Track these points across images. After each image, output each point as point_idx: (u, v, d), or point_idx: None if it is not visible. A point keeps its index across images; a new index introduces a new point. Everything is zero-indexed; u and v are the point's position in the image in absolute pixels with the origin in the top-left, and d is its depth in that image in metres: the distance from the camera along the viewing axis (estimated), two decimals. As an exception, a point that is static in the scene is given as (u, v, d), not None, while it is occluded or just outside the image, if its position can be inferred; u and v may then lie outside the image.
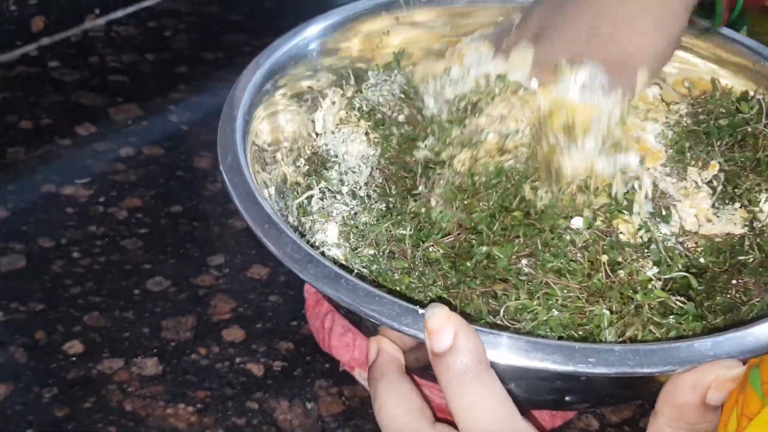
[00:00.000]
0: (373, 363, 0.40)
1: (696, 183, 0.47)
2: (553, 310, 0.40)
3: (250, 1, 0.99)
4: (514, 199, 0.45)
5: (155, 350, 0.55)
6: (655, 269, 0.42)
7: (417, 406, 0.38)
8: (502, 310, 0.40)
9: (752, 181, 0.46)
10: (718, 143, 0.48)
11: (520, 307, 0.40)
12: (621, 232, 0.44)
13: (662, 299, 0.40)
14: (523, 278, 0.41)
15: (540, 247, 0.42)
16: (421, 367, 0.41)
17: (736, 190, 0.46)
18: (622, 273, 0.41)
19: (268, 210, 0.41)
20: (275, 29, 0.55)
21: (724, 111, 0.50)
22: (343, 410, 0.52)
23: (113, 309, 0.58)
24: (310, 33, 0.57)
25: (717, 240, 0.45)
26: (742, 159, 0.47)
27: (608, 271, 0.42)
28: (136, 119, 0.78)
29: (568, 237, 0.43)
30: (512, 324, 0.40)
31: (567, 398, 0.41)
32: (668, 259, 0.43)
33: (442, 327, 0.33)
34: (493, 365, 0.34)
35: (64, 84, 0.82)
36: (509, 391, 0.36)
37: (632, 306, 0.40)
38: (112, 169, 0.71)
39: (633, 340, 0.39)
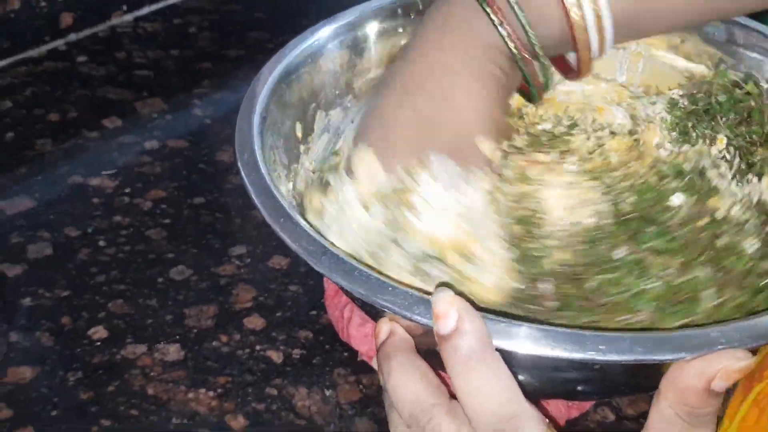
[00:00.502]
0: (383, 343, 0.40)
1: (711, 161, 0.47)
2: (648, 281, 0.41)
3: (273, 0, 1.00)
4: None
5: (178, 337, 0.56)
6: (756, 245, 0.43)
7: (435, 382, 0.38)
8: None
9: (762, 155, 0.46)
10: (723, 120, 0.48)
11: (606, 280, 0.41)
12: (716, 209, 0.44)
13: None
14: (617, 260, 0.42)
15: (636, 230, 0.43)
16: (428, 353, 0.41)
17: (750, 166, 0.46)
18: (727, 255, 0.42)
19: (284, 205, 0.42)
20: (297, 27, 0.56)
21: (720, 87, 0.50)
22: (360, 398, 0.53)
23: (137, 297, 0.59)
24: (328, 31, 0.58)
25: None
26: (750, 134, 0.47)
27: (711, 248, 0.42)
28: (161, 113, 0.79)
29: (668, 214, 0.44)
30: (589, 301, 0.41)
31: (581, 388, 0.42)
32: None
33: (447, 310, 0.34)
34: (508, 354, 0.35)
35: (92, 78, 0.84)
36: (522, 381, 0.37)
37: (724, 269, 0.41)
38: (138, 162, 0.73)
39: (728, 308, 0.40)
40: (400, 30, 0.61)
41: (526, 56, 0.42)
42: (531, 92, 0.45)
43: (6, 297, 0.59)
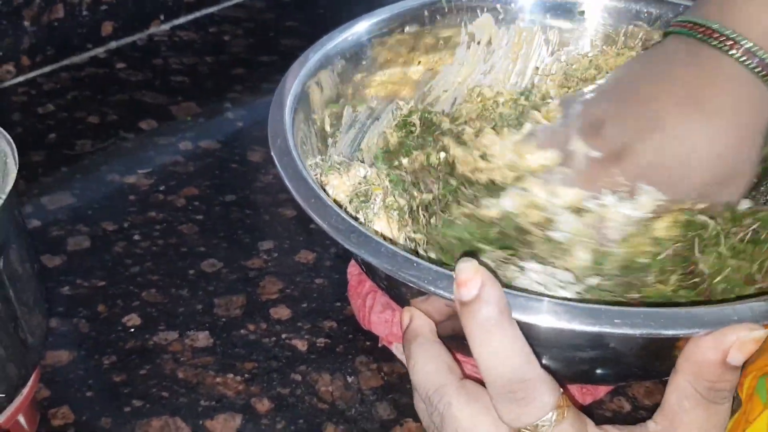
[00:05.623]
0: (406, 328, 0.43)
1: None
2: None
3: (305, 8, 1.03)
4: None
5: (207, 325, 0.59)
6: None
7: (446, 363, 0.40)
8: None
9: None
10: None
11: None
12: None
13: None
14: None
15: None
16: (449, 337, 0.43)
17: None
18: None
19: (314, 186, 0.44)
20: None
21: None
22: (381, 384, 0.54)
23: (169, 287, 0.62)
24: (358, 29, 0.60)
25: None
26: None
27: None
28: (195, 116, 0.82)
29: None
30: None
31: (596, 369, 0.43)
32: None
33: (470, 278, 0.35)
34: (528, 328, 0.36)
35: (130, 83, 0.87)
36: (541, 362, 0.38)
37: None
38: (172, 161, 0.76)
39: None
40: (428, 31, 0.63)
41: None
42: None
43: (46, 286, 0.61)
